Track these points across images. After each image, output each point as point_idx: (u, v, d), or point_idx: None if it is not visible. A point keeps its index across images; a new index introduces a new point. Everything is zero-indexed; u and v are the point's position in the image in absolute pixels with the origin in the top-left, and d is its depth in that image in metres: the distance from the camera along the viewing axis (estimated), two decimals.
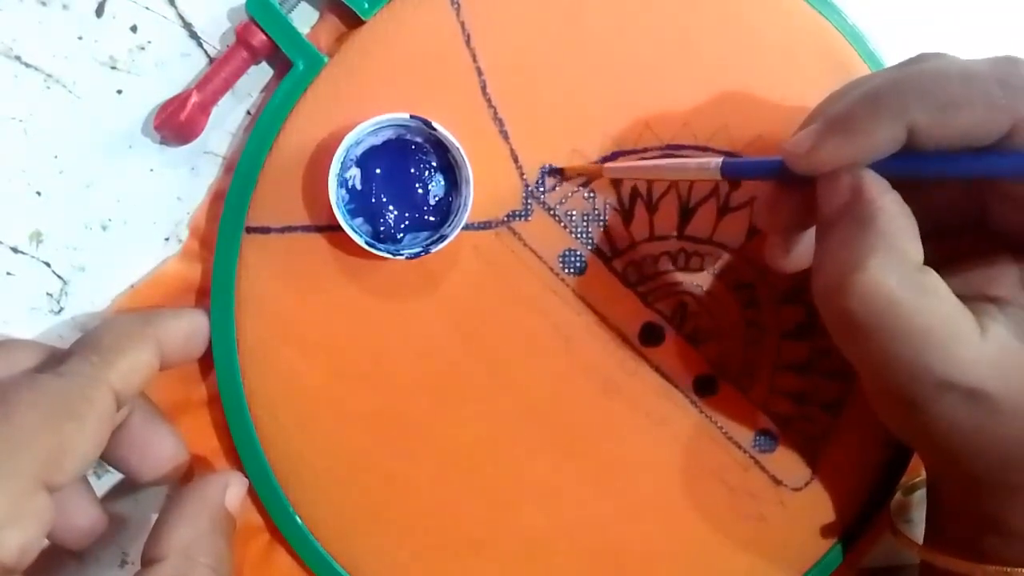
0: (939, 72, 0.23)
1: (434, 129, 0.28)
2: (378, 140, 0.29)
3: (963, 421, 0.24)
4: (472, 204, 0.29)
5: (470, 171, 0.28)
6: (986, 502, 0.26)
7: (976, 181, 0.26)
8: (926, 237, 0.24)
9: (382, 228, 0.29)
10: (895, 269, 0.23)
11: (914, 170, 0.24)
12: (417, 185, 0.29)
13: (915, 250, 0.23)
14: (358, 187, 0.29)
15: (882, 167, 0.24)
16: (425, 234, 0.29)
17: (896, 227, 0.23)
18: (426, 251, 0.28)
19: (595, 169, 0.30)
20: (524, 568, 0.31)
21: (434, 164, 0.29)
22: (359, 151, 0.29)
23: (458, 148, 0.28)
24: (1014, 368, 0.23)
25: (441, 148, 0.29)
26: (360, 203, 0.29)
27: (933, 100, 0.22)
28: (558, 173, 0.30)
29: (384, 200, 0.29)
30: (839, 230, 0.24)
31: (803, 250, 0.28)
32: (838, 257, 0.24)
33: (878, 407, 0.27)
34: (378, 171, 0.29)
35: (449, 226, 0.29)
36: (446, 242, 0.28)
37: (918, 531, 0.31)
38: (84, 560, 0.31)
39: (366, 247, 0.28)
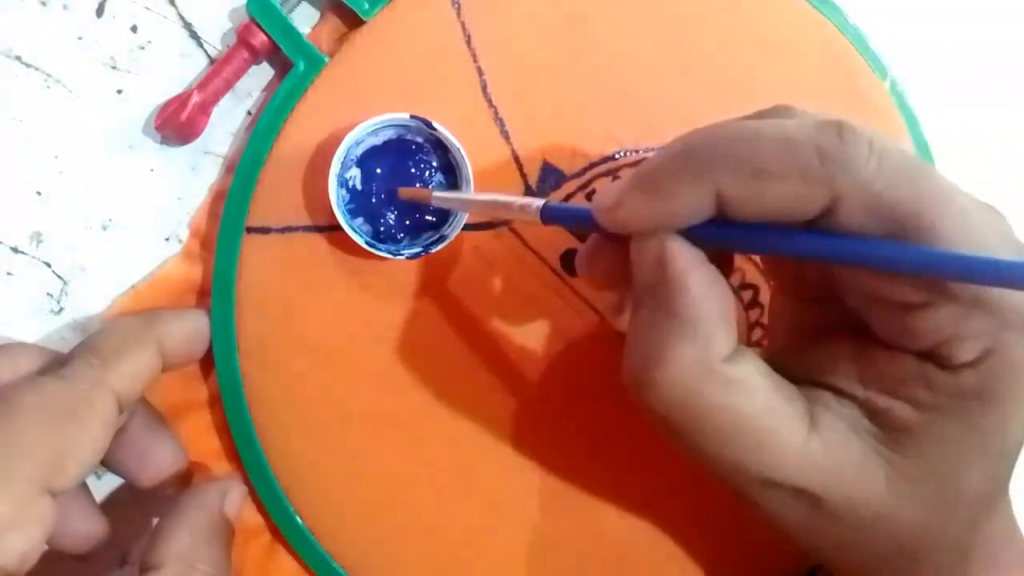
0: (756, 135, 0.20)
1: (434, 129, 0.28)
2: (378, 140, 0.29)
3: (793, 517, 0.22)
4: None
5: (470, 171, 0.28)
6: None
7: None
8: (787, 310, 0.22)
9: (382, 228, 0.29)
10: (696, 361, 0.20)
11: (729, 242, 0.22)
12: (417, 185, 0.29)
13: (722, 338, 0.21)
14: (358, 187, 0.29)
15: (698, 234, 0.21)
16: (425, 234, 0.29)
17: (702, 312, 0.21)
18: (426, 251, 0.28)
19: (424, 194, 0.28)
20: (524, 568, 0.31)
21: (435, 164, 0.29)
22: (359, 151, 0.29)
23: (458, 148, 0.28)
24: (843, 467, 0.21)
25: (441, 148, 0.29)
26: (360, 203, 0.29)
27: (744, 166, 0.20)
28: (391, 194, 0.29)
29: (384, 200, 0.29)
30: (646, 308, 0.22)
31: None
32: (640, 345, 0.21)
33: None
34: (378, 171, 0.29)
35: (449, 226, 0.29)
36: (446, 242, 0.28)
37: None
38: (83, 560, 0.31)
39: (366, 247, 0.28)
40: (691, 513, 0.32)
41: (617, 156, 0.31)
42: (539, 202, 0.24)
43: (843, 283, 0.22)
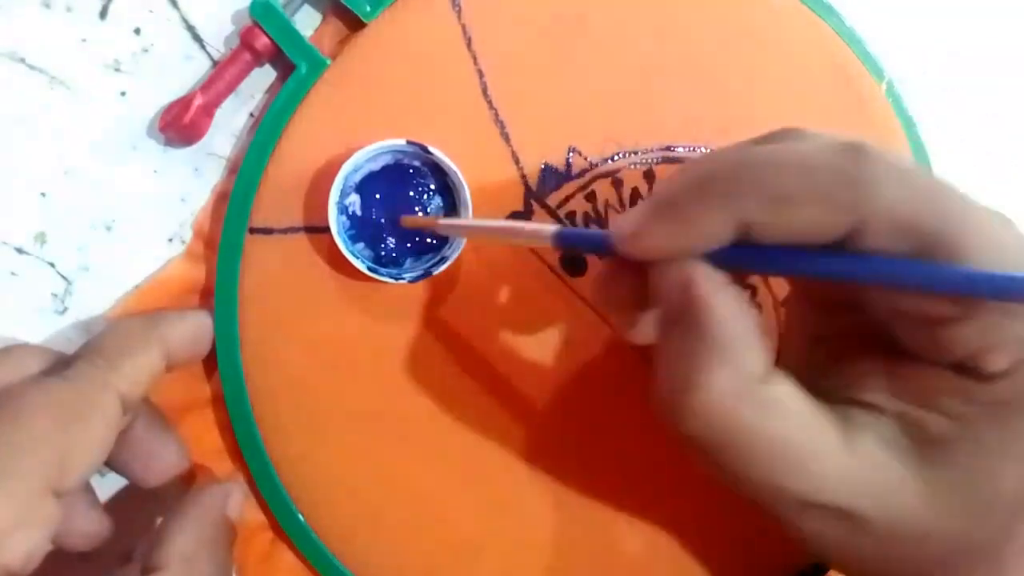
0: (777, 161, 0.20)
1: (430, 153, 0.28)
2: (376, 166, 0.29)
3: (834, 539, 0.22)
4: (473, 206, 0.29)
5: (468, 193, 0.28)
6: None
7: None
8: (813, 329, 0.22)
9: (384, 253, 0.29)
10: (732, 385, 0.20)
11: (752, 264, 0.22)
12: (416, 208, 0.29)
13: (754, 359, 0.21)
14: (358, 213, 0.29)
15: (720, 257, 0.21)
16: (427, 256, 0.30)
17: (731, 334, 0.20)
18: (428, 274, 0.29)
19: (430, 222, 0.28)
20: (524, 568, 0.31)
21: (432, 187, 0.29)
22: (358, 177, 0.29)
23: (455, 171, 0.28)
24: (883, 484, 0.21)
25: (439, 171, 0.29)
26: (361, 228, 0.29)
27: (767, 192, 0.20)
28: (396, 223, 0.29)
29: (384, 224, 0.29)
30: (675, 334, 0.21)
31: (649, 325, 0.25)
32: (672, 371, 0.21)
33: None
34: (377, 196, 0.29)
35: (450, 248, 0.29)
36: (447, 264, 0.29)
37: None
38: (87, 558, 0.31)
39: (368, 273, 0.28)
40: (697, 516, 0.32)
41: (617, 157, 0.31)
42: (551, 228, 0.24)
43: (867, 298, 0.22)
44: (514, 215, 0.30)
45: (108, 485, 0.31)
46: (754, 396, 0.20)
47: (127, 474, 0.28)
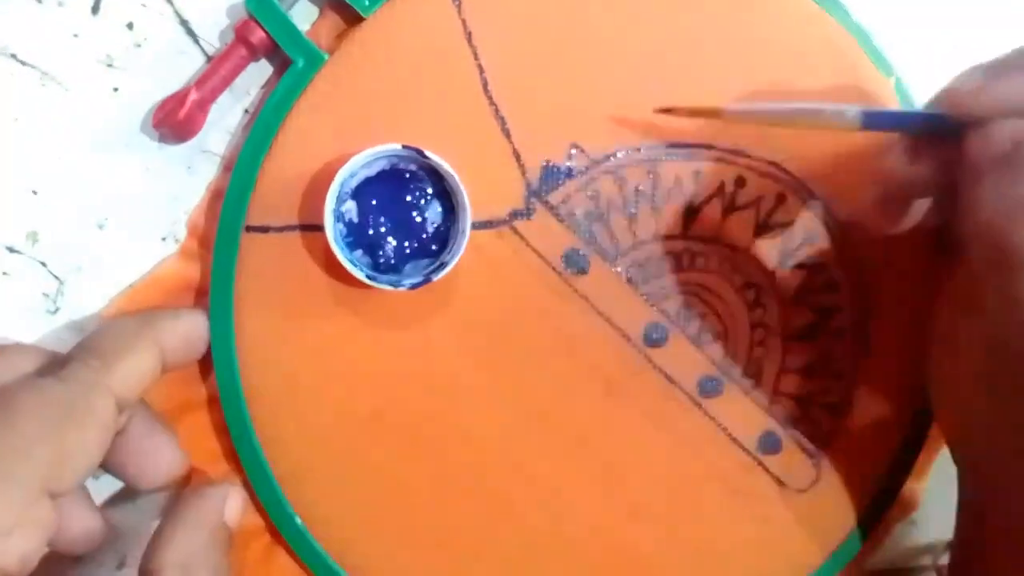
0: None
1: (427, 157, 0.28)
2: (372, 171, 0.29)
3: None
4: (473, 204, 0.28)
5: (466, 197, 0.28)
6: None
7: None
8: None
9: (382, 259, 0.29)
10: None
11: None
12: (414, 213, 0.29)
13: None
14: (355, 220, 0.29)
15: None
16: (425, 261, 0.29)
17: None
18: (427, 280, 0.28)
19: (713, 111, 0.28)
20: (524, 568, 0.31)
21: (429, 191, 0.29)
22: (354, 183, 0.29)
23: (452, 175, 0.28)
24: None
25: (436, 174, 0.29)
26: (358, 235, 0.29)
27: None
28: (667, 111, 0.29)
29: (382, 231, 0.29)
30: (1000, 173, 0.23)
31: (915, 212, 0.28)
32: (1004, 193, 0.23)
33: (958, 385, 0.26)
34: (374, 202, 0.29)
35: (449, 253, 0.29)
36: (447, 269, 0.28)
37: (921, 532, 0.31)
38: (82, 562, 0.31)
39: (367, 281, 0.28)
40: (697, 515, 0.32)
41: (618, 154, 0.30)
42: (856, 109, 0.26)
43: None
44: (515, 213, 0.30)
45: (103, 487, 0.30)
46: None
47: (122, 475, 0.28)
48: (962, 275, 0.28)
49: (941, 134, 0.25)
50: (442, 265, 0.28)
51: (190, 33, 0.30)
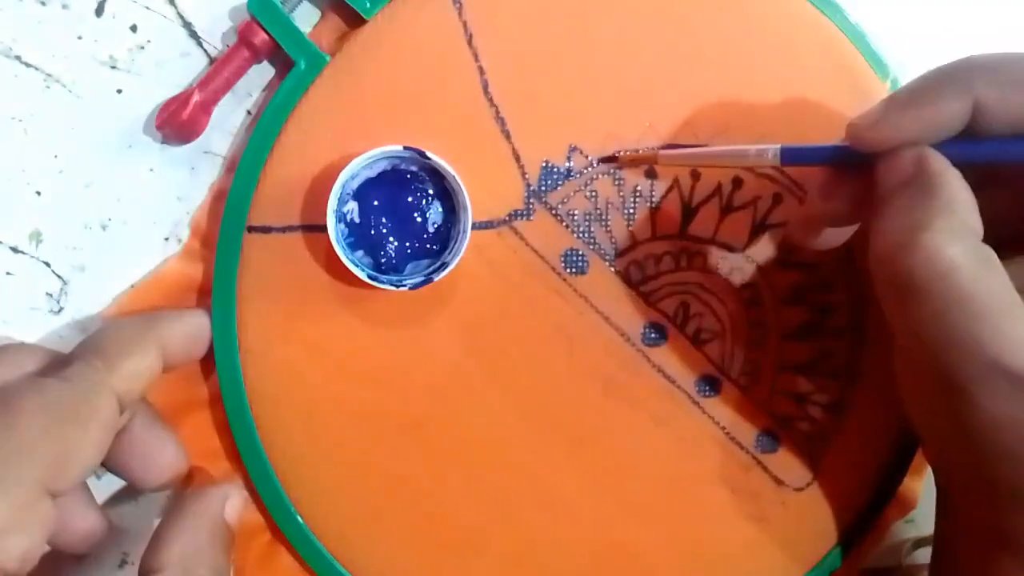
0: (1007, 55, 0.24)
1: (428, 158, 0.28)
2: (373, 172, 0.29)
3: (1006, 412, 0.22)
4: (473, 204, 0.28)
5: (467, 197, 0.28)
6: (1001, 515, 0.24)
7: None
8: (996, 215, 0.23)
9: (383, 260, 0.29)
10: (960, 236, 0.22)
11: (974, 155, 0.24)
12: (415, 214, 0.29)
13: (977, 224, 0.23)
14: (356, 220, 0.29)
15: (942, 151, 0.24)
16: (427, 262, 0.29)
17: (961, 199, 0.23)
18: (429, 280, 0.28)
19: (650, 156, 0.30)
20: (524, 568, 0.31)
21: (431, 192, 0.29)
22: (355, 184, 0.29)
23: (453, 175, 0.28)
24: None
25: (437, 175, 0.29)
26: (360, 236, 0.29)
27: (1000, 77, 0.23)
28: (611, 160, 0.30)
29: (384, 232, 0.29)
30: (901, 200, 0.24)
31: (832, 233, 0.29)
32: (902, 220, 0.23)
33: (912, 395, 0.26)
34: (375, 203, 0.29)
35: (450, 253, 0.29)
36: (448, 270, 0.28)
37: (919, 530, 0.31)
38: (84, 561, 0.31)
39: (368, 281, 0.28)
40: (697, 515, 0.32)
41: (618, 155, 0.30)
42: (775, 147, 0.27)
43: None
44: (514, 213, 0.30)
45: (105, 486, 0.30)
46: (976, 250, 0.22)
47: (124, 475, 0.28)
48: None
49: (858, 165, 0.26)
50: (443, 265, 0.29)
51: (193, 35, 0.30)
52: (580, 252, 0.31)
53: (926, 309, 0.22)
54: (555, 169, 0.30)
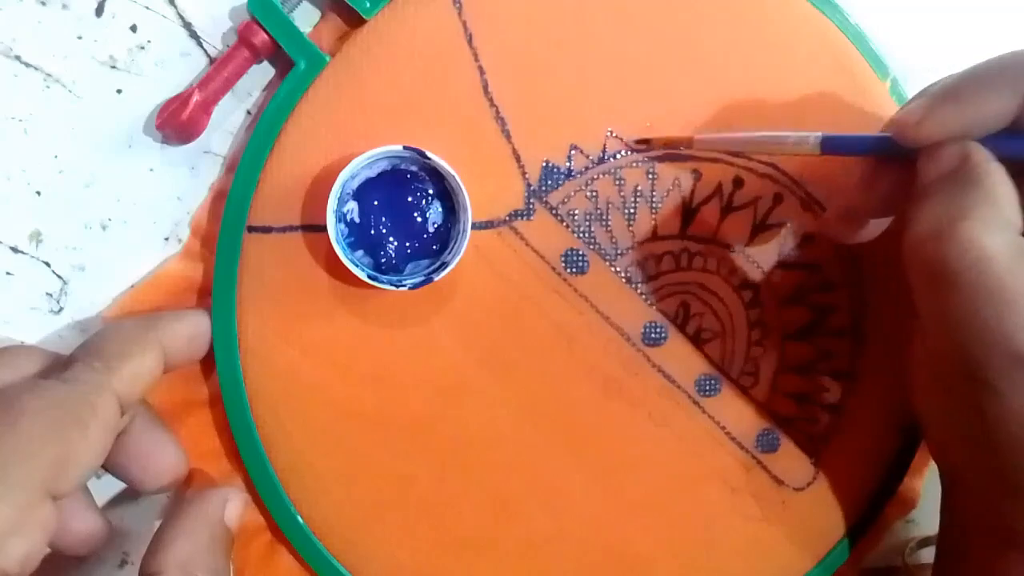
0: None
1: (428, 158, 0.28)
2: (373, 172, 0.29)
3: None
4: (474, 204, 0.28)
5: (467, 197, 0.28)
6: (1012, 512, 0.25)
7: None
8: None
9: (383, 259, 0.29)
10: (997, 228, 0.22)
11: (1018, 150, 0.24)
12: (415, 214, 0.29)
13: (1017, 218, 0.23)
14: (356, 220, 0.29)
15: (986, 144, 0.24)
16: (427, 262, 0.29)
17: (1002, 191, 0.23)
18: (429, 280, 0.28)
19: (685, 140, 0.30)
20: (524, 568, 0.31)
21: (431, 192, 0.29)
22: (355, 184, 0.29)
23: (453, 175, 0.28)
24: None
25: (437, 175, 0.29)
26: (360, 236, 0.29)
27: None
28: (644, 143, 0.30)
29: (384, 231, 0.29)
30: (941, 191, 0.24)
31: (873, 227, 0.29)
32: (940, 210, 0.23)
33: (928, 387, 0.26)
34: (375, 203, 0.29)
35: (450, 253, 0.29)
36: (448, 269, 0.28)
37: (919, 529, 0.31)
38: (84, 561, 0.31)
39: (369, 281, 0.28)
40: (698, 515, 0.32)
41: (618, 155, 0.31)
42: (816, 135, 0.27)
43: None
44: (515, 213, 0.30)
45: (105, 488, 0.30)
46: (1013, 242, 0.22)
47: (124, 476, 0.28)
48: None
49: (899, 156, 0.26)
50: (443, 265, 0.29)
51: (193, 35, 0.30)
52: (580, 252, 0.31)
53: (957, 298, 0.23)
54: (555, 169, 0.30)
